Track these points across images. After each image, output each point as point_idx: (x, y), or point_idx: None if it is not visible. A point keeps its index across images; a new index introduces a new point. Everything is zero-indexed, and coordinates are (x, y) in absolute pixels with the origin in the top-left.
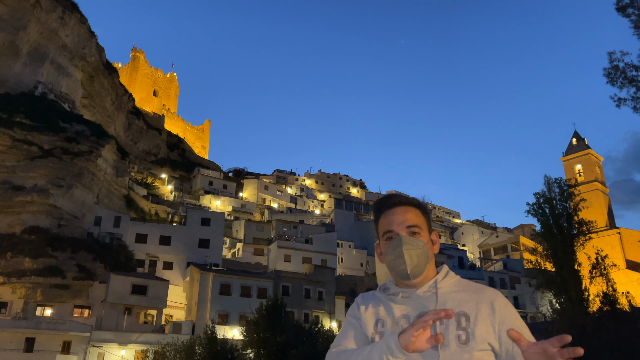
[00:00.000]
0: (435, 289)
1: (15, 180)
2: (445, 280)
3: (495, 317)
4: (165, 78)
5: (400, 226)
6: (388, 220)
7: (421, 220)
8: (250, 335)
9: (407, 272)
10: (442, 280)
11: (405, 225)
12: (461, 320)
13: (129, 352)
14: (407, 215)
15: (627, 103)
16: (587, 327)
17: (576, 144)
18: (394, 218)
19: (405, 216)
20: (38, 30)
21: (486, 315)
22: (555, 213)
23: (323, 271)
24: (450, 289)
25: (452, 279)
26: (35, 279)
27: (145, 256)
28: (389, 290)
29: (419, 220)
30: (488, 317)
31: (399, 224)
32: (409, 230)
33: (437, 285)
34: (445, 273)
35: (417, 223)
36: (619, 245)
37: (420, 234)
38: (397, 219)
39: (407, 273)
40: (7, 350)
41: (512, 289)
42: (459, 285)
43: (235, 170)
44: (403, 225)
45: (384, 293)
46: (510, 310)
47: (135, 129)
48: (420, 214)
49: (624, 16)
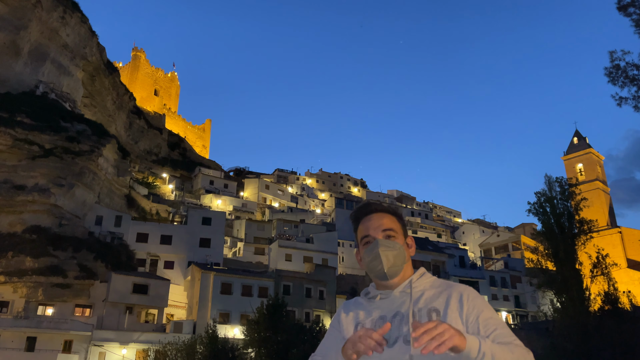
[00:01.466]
0: (410, 289)
1: (17, 179)
2: (420, 280)
3: (463, 308)
4: (166, 77)
5: (376, 230)
6: (365, 226)
7: (396, 225)
8: (251, 335)
9: (384, 272)
10: (417, 280)
11: (381, 229)
12: (432, 315)
13: (130, 351)
14: (382, 221)
15: (629, 102)
16: (589, 326)
17: (577, 143)
18: (370, 224)
19: (381, 221)
20: (39, 29)
21: (455, 308)
22: (557, 212)
23: (324, 270)
24: (424, 288)
25: (428, 279)
26: (36, 278)
27: (146, 255)
28: (369, 294)
29: (394, 225)
30: (457, 310)
31: (375, 229)
32: (384, 233)
33: (412, 285)
34: (421, 274)
35: (392, 227)
36: (620, 244)
37: (395, 237)
38: (374, 224)
39: (385, 273)
40: (9, 349)
41: (513, 288)
42: (433, 284)
43: (236, 170)
44: (379, 229)
45: (365, 297)
46: (478, 301)
47: (136, 128)
48: (395, 220)
49: (625, 15)
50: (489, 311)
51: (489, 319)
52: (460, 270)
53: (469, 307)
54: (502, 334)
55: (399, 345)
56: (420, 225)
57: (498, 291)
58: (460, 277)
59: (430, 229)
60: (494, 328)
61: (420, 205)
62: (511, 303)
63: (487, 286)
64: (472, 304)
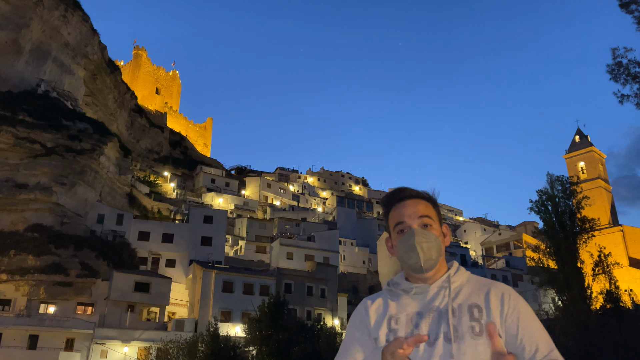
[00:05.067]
0: (448, 284)
1: (19, 178)
2: (458, 274)
3: (504, 307)
4: (167, 76)
5: (411, 218)
6: (399, 213)
7: (432, 212)
8: (252, 333)
9: (420, 265)
10: (455, 275)
11: (417, 216)
12: (474, 311)
13: (132, 349)
14: (418, 207)
15: (630, 99)
16: (590, 324)
17: (579, 142)
18: (405, 210)
19: (417, 207)
20: (40, 28)
21: (496, 306)
22: (558, 210)
23: (325, 269)
24: (461, 283)
25: (464, 274)
26: (38, 276)
27: (148, 254)
28: (399, 286)
29: (430, 212)
30: (497, 308)
31: (410, 216)
32: (420, 221)
33: (450, 280)
34: (457, 268)
35: (429, 214)
36: (622, 242)
37: (432, 225)
38: (408, 211)
39: (421, 266)
40: (11, 347)
41: (515, 287)
42: (469, 279)
43: (238, 168)
44: (415, 216)
45: (396, 289)
46: (520, 302)
47: (138, 126)
48: (431, 207)
49: (627, 12)
50: (529, 314)
51: (528, 324)
52: None
53: (510, 307)
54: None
55: (440, 343)
56: None
57: None
58: None
59: None
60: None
61: None
62: None
63: None
64: (513, 304)
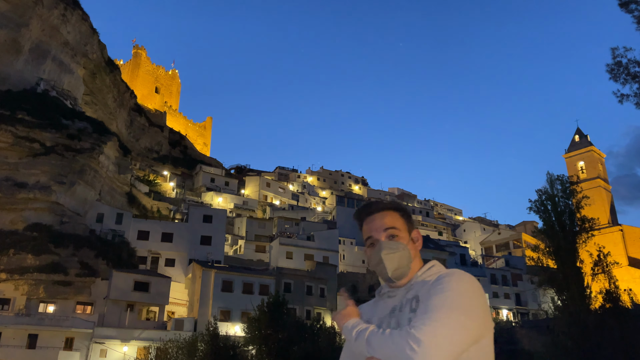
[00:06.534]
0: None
1: (18, 177)
2: (427, 272)
3: (430, 290)
4: (167, 75)
5: (378, 231)
6: (368, 227)
7: (399, 221)
8: (252, 332)
9: (388, 276)
10: (423, 274)
11: (383, 229)
12: (412, 302)
13: (131, 348)
14: (384, 220)
15: (630, 99)
16: (589, 324)
17: (579, 141)
18: (373, 224)
19: (383, 221)
20: (40, 27)
21: (427, 291)
22: (558, 210)
23: (325, 268)
24: (424, 280)
25: (434, 270)
26: (37, 275)
27: (147, 253)
28: (380, 291)
29: (396, 222)
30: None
31: (378, 229)
32: (387, 233)
33: (416, 278)
34: (430, 266)
35: (395, 225)
36: (622, 242)
37: (399, 235)
38: (376, 225)
39: (389, 276)
40: (10, 346)
41: (514, 286)
42: (436, 274)
43: (237, 168)
44: (381, 229)
45: (377, 294)
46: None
47: (137, 126)
48: (398, 216)
49: (627, 12)
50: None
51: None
52: (460, 268)
53: (431, 288)
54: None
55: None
56: (421, 223)
57: (499, 289)
58: None
59: (432, 227)
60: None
61: (422, 203)
62: (512, 301)
63: (488, 284)
64: (436, 286)
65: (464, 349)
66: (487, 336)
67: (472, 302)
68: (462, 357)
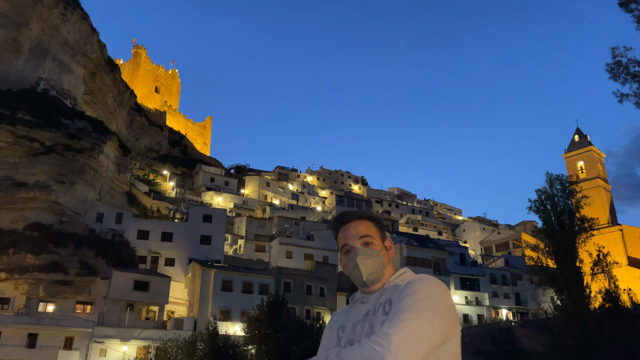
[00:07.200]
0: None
1: (18, 176)
2: (399, 278)
3: (401, 293)
4: (166, 74)
5: (353, 239)
6: (344, 235)
7: (373, 230)
8: (251, 332)
9: (363, 281)
10: (395, 279)
11: (358, 237)
12: (385, 305)
13: (131, 348)
14: (359, 228)
15: (630, 99)
16: (589, 323)
17: (578, 141)
18: (348, 233)
19: (358, 229)
20: (40, 26)
21: (398, 294)
22: (557, 210)
23: (324, 268)
24: (396, 284)
25: (405, 276)
26: (37, 275)
27: (147, 252)
28: (354, 297)
29: (370, 231)
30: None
31: (353, 237)
32: (362, 240)
33: (388, 283)
34: (401, 273)
35: (369, 233)
36: (621, 242)
37: (373, 242)
38: (351, 233)
39: (364, 281)
40: (10, 346)
41: (514, 286)
42: (405, 279)
43: (237, 167)
44: (356, 237)
45: (351, 300)
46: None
47: (137, 125)
48: (372, 225)
49: (626, 12)
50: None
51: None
52: (460, 268)
53: (402, 291)
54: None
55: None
56: (420, 222)
57: (499, 289)
58: (460, 275)
59: (431, 227)
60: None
61: (421, 203)
62: (512, 301)
63: (487, 284)
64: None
65: (433, 348)
66: (455, 338)
67: (440, 305)
68: (432, 356)
